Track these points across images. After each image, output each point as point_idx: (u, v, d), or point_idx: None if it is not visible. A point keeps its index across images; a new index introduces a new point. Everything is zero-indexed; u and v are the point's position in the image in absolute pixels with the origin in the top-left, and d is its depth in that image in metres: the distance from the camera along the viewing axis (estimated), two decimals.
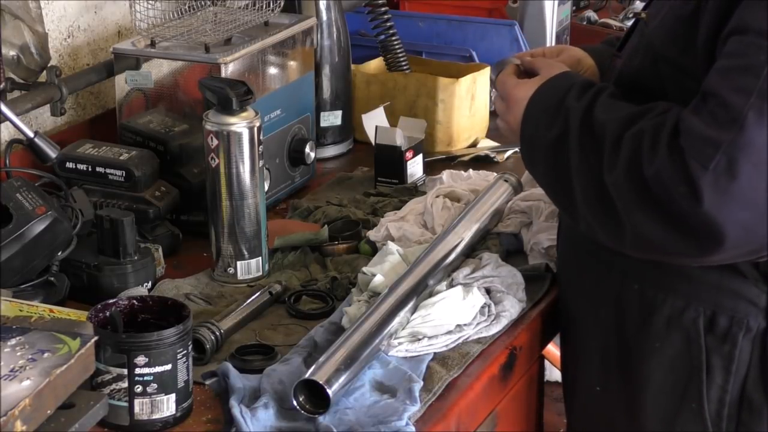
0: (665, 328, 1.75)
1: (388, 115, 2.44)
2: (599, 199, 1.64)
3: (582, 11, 3.39)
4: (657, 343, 1.76)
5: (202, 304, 1.91)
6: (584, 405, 1.92)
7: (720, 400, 1.73)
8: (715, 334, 1.72)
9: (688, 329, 1.73)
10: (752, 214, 1.54)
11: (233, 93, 1.95)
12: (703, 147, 1.54)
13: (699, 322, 1.72)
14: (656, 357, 1.76)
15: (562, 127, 1.69)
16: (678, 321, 1.74)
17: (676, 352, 1.75)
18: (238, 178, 1.96)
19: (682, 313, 1.73)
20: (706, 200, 1.53)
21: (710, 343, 1.72)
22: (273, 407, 1.60)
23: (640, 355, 1.78)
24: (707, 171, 1.53)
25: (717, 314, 1.71)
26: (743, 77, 1.54)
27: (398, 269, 1.89)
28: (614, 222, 1.63)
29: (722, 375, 1.72)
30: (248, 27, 2.26)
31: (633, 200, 1.60)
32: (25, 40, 2.13)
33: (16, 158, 2.13)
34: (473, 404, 1.73)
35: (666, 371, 1.76)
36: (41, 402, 1.38)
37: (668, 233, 1.59)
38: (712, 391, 1.73)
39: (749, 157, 1.52)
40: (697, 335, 1.72)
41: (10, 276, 1.82)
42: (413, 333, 1.77)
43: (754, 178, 1.52)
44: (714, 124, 1.54)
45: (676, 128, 1.57)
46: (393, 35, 2.62)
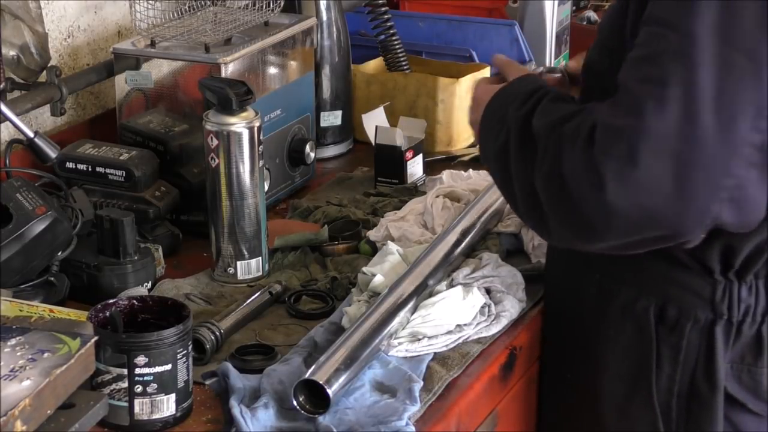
0: (620, 316, 1.78)
1: (388, 115, 2.44)
2: (533, 201, 1.64)
3: (582, 11, 3.38)
4: (612, 331, 1.79)
5: (202, 304, 1.91)
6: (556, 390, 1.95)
7: (669, 390, 1.75)
8: (665, 325, 1.74)
9: (640, 319, 1.76)
10: (656, 201, 1.53)
11: (233, 93, 1.95)
12: (607, 136, 1.54)
13: (650, 312, 1.75)
14: (611, 345, 1.79)
15: (504, 137, 1.70)
16: (631, 310, 1.77)
17: (629, 341, 1.78)
18: (238, 178, 1.96)
19: (634, 302, 1.77)
20: (609, 187, 1.53)
21: (661, 333, 1.75)
22: (273, 407, 1.60)
23: (598, 343, 1.81)
24: (611, 158, 1.53)
25: (666, 305, 1.74)
26: (645, 66, 1.55)
27: (398, 269, 1.89)
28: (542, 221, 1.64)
29: (671, 365, 1.74)
30: (248, 27, 2.26)
31: (552, 196, 1.60)
32: (25, 40, 2.13)
33: (16, 158, 2.13)
34: (473, 404, 1.73)
35: (620, 359, 1.79)
36: (41, 402, 1.38)
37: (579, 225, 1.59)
38: (661, 381, 1.75)
39: (650, 144, 1.52)
40: (648, 325, 1.75)
41: (10, 276, 1.82)
42: (413, 333, 1.77)
43: (656, 166, 1.52)
44: (618, 113, 1.55)
45: (594, 123, 1.58)
46: (393, 35, 2.62)
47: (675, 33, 1.54)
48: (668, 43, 1.54)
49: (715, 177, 1.53)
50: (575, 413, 1.89)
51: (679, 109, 1.52)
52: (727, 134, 1.52)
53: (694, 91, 1.52)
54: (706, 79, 1.52)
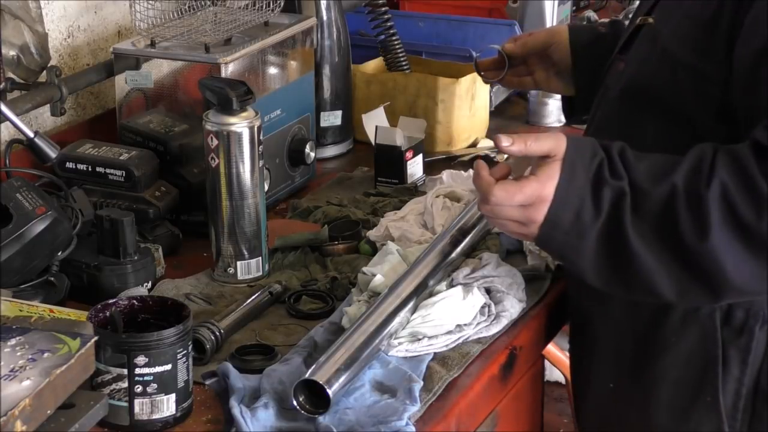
0: (681, 323, 1.76)
1: (388, 115, 2.44)
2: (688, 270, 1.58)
3: (582, 11, 3.38)
4: (673, 338, 1.77)
5: (202, 304, 1.91)
6: (596, 404, 1.93)
7: (736, 393, 1.73)
8: (732, 327, 1.73)
9: (704, 323, 1.74)
10: None
11: (233, 93, 1.95)
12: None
13: (715, 316, 1.73)
14: (671, 352, 1.77)
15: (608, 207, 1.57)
16: (694, 316, 1.74)
17: (691, 347, 1.75)
18: (238, 178, 1.96)
19: (698, 308, 1.74)
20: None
21: (726, 336, 1.73)
22: (273, 407, 1.60)
23: (654, 351, 1.79)
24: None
25: (733, 307, 1.72)
26: None
27: (398, 269, 1.89)
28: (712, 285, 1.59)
29: (739, 367, 1.73)
30: (248, 27, 2.26)
31: (739, 252, 1.55)
32: (25, 40, 2.13)
33: (16, 158, 2.13)
34: (473, 404, 1.73)
35: (681, 366, 1.77)
36: (41, 402, 1.38)
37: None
38: (728, 384, 1.74)
39: None
40: (714, 329, 1.73)
41: (10, 276, 1.82)
42: (413, 333, 1.77)
43: None
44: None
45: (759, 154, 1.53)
46: (393, 35, 2.62)
47: None
48: None
49: None
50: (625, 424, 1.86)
51: None
52: None
53: None
54: None
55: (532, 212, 1.61)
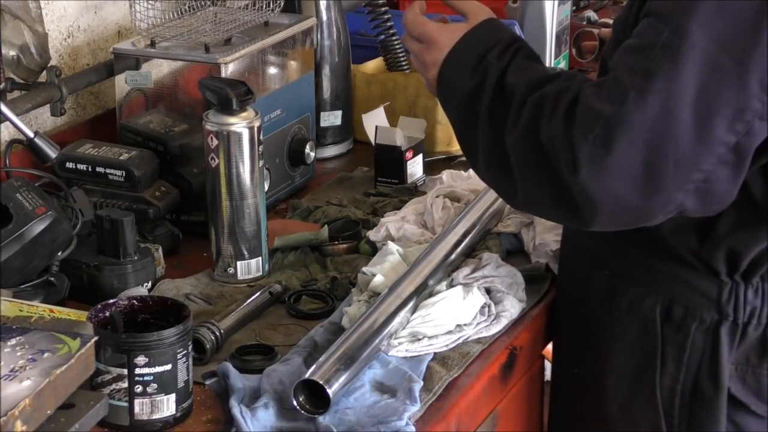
0: (627, 314, 1.79)
1: (388, 115, 2.44)
2: (497, 158, 1.66)
3: (582, 11, 3.38)
4: (618, 328, 1.80)
5: (202, 304, 1.91)
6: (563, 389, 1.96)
7: (671, 389, 1.76)
8: (671, 324, 1.75)
9: (646, 317, 1.76)
10: (624, 187, 1.56)
11: (233, 93, 1.95)
12: (587, 118, 1.57)
13: (656, 311, 1.76)
14: (617, 342, 1.80)
15: (479, 81, 1.70)
16: (638, 308, 1.77)
17: (634, 339, 1.78)
18: (238, 178, 1.96)
19: (641, 301, 1.77)
20: (582, 170, 1.56)
21: (666, 332, 1.75)
22: (273, 407, 1.60)
23: (605, 340, 1.82)
24: (586, 141, 1.56)
25: (673, 304, 1.75)
26: (635, 56, 1.58)
27: (398, 269, 1.89)
28: (508, 181, 1.66)
29: (675, 364, 1.75)
30: (248, 27, 2.26)
31: (526, 162, 1.62)
32: (25, 40, 2.13)
33: (16, 158, 2.13)
34: (473, 404, 1.73)
35: (626, 356, 1.79)
36: (41, 402, 1.38)
37: (550, 199, 1.62)
38: (665, 380, 1.76)
39: (626, 132, 1.54)
40: (654, 324, 1.76)
41: (10, 276, 1.82)
42: (413, 333, 1.77)
43: (629, 154, 1.54)
44: (602, 97, 1.57)
45: (575, 97, 1.59)
46: (393, 35, 2.62)
47: (669, 27, 1.55)
48: (660, 37, 1.56)
49: (684, 170, 1.56)
50: (582, 408, 1.90)
51: (659, 102, 1.54)
52: (702, 132, 1.55)
53: (676, 86, 1.54)
54: (690, 76, 1.54)
55: (428, 53, 1.79)
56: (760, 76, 1.54)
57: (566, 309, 1.93)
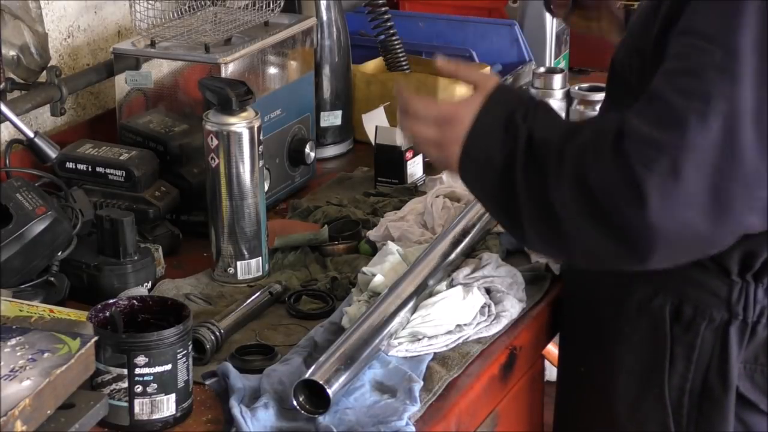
0: (636, 313, 1.78)
1: (388, 115, 2.44)
2: (544, 219, 1.61)
3: None
4: (627, 327, 1.79)
5: (202, 304, 1.91)
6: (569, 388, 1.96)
7: (681, 388, 1.75)
8: (680, 323, 1.75)
9: (655, 316, 1.76)
10: (693, 216, 1.53)
11: (233, 93, 1.95)
12: (647, 149, 1.53)
13: (665, 310, 1.75)
14: (626, 341, 1.80)
15: (511, 147, 1.64)
16: (647, 307, 1.77)
17: (643, 338, 1.78)
18: (238, 178, 1.96)
19: (650, 300, 1.77)
20: (651, 204, 1.52)
21: (675, 332, 1.75)
22: (273, 407, 1.60)
23: (614, 339, 1.81)
24: (652, 173, 1.52)
25: (682, 303, 1.74)
26: (686, 79, 1.55)
27: (398, 269, 1.89)
28: (560, 240, 1.62)
29: (684, 364, 1.75)
30: (248, 27, 2.26)
31: (580, 213, 1.57)
32: (25, 40, 2.13)
33: (16, 158, 2.13)
34: (473, 404, 1.73)
35: (635, 355, 1.79)
36: (41, 402, 1.38)
37: (613, 242, 1.57)
38: (673, 379, 1.75)
39: (692, 159, 1.52)
40: (663, 323, 1.76)
41: (10, 276, 1.82)
42: (413, 333, 1.77)
43: (697, 180, 1.52)
44: (658, 126, 1.54)
45: (620, 132, 1.55)
46: (393, 35, 2.62)
47: (719, 48, 1.54)
48: (712, 58, 1.54)
49: (751, 190, 1.54)
50: (588, 408, 1.89)
51: (720, 124, 1.52)
52: (764, 148, 1.53)
53: (737, 106, 1.52)
54: (747, 94, 1.53)
55: (448, 131, 1.69)
56: None
57: (574, 309, 1.93)
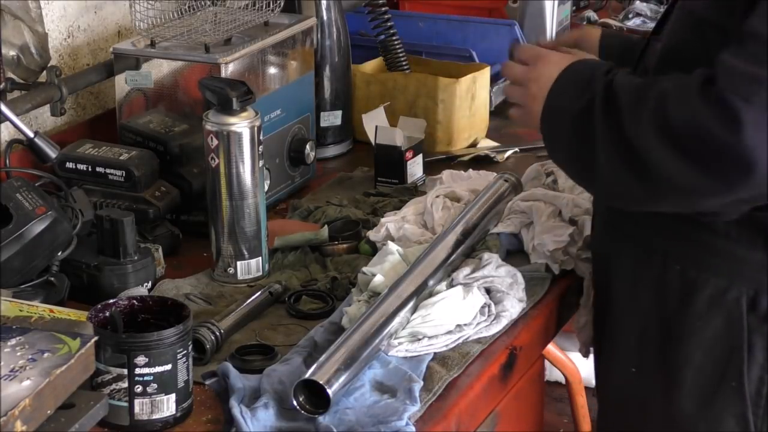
0: (707, 308, 1.76)
1: (388, 115, 2.44)
2: (623, 156, 1.66)
3: (582, 11, 3.38)
4: (698, 322, 1.77)
5: (202, 304, 1.91)
6: (618, 388, 1.92)
7: (760, 379, 1.74)
8: (757, 314, 1.73)
9: (731, 309, 1.74)
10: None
11: (233, 93, 1.95)
12: (746, 83, 1.57)
13: (741, 302, 1.74)
14: (696, 337, 1.77)
15: (589, 97, 1.71)
16: (720, 301, 1.75)
17: (717, 332, 1.76)
18: (238, 178, 1.96)
19: (724, 293, 1.75)
20: (747, 133, 1.55)
21: (752, 323, 1.73)
22: (273, 407, 1.60)
23: (680, 336, 1.79)
24: (750, 105, 1.56)
25: (759, 294, 1.73)
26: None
27: (398, 269, 1.89)
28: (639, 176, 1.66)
29: (764, 354, 1.73)
30: (248, 27, 2.26)
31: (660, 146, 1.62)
32: (25, 40, 2.13)
33: (16, 158, 2.13)
34: (473, 404, 1.73)
35: (706, 351, 1.77)
36: (41, 402, 1.38)
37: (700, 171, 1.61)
38: (753, 371, 1.74)
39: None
40: (740, 315, 1.74)
41: (10, 276, 1.82)
42: (413, 333, 1.77)
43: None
44: (755, 62, 1.58)
45: (708, 78, 1.60)
46: (393, 35, 2.63)
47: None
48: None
49: None
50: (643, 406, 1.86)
51: None
52: None
53: None
54: None
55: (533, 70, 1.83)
56: None
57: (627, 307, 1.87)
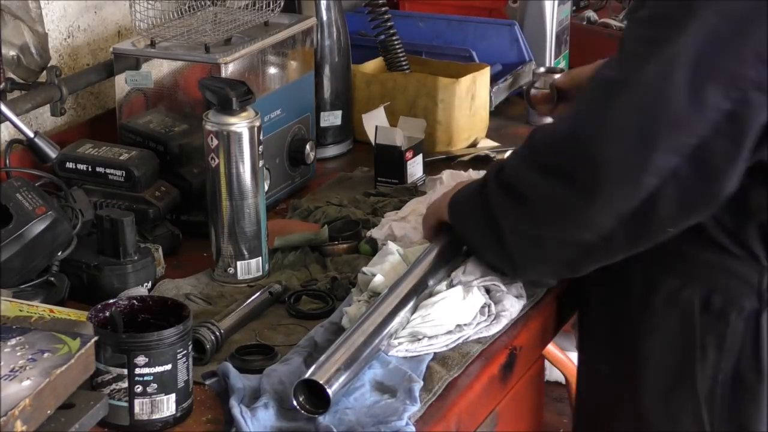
0: (664, 306, 1.79)
1: (388, 115, 2.44)
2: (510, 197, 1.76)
3: (582, 11, 3.38)
4: (657, 321, 1.80)
5: (202, 304, 1.91)
6: (593, 385, 1.96)
7: (713, 378, 1.76)
8: (710, 313, 1.76)
9: (685, 308, 1.77)
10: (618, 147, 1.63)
11: (233, 93, 1.95)
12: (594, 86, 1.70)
13: (695, 301, 1.77)
14: (655, 335, 1.81)
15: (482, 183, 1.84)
16: (675, 300, 1.78)
17: (673, 330, 1.79)
18: (238, 178, 1.96)
19: (679, 291, 1.78)
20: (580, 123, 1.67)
21: (705, 322, 1.76)
22: (273, 407, 1.60)
23: (641, 333, 1.82)
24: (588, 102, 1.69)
25: (712, 293, 1.76)
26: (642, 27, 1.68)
27: (398, 269, 1.89)
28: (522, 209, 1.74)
29: (715, 354, 1.76)
30: (248, 27, 2.26)
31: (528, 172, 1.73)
32: (25, 40, 2.13)
33: (16, 158, 2.13)
34: (473, 404, 1.73)
35: (664, 349, 1.80)
36: (41, 402, 1.38)
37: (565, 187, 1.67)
38: (705, 370, 1.76)
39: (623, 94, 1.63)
40: (693, 314, 1.77)
41: (10, 276, 1.82)
42: (413, 333, 1.77)
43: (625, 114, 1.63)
44: (609, 67, 1.70)
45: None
46: (393, 35, 2.62)
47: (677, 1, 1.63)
48: (667, 7, 1.63)
49: (677, 132, 1.61)
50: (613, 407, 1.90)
51: (656, 66, 1.61)
52: (695, 95, 1.60)
53: (674, 51, 1.60)
54: (689, 42, 1.60)
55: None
56: (757, 46, 1.59)
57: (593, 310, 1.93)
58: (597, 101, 1.65)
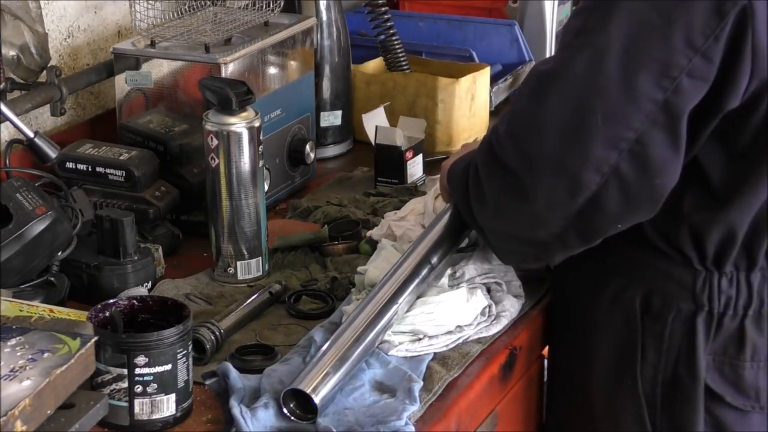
0: (609, 305, 1.81)
1: (388, 115, 2.44)
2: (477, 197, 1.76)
3: None
4: (603, 320, 1.82)
5: (202, 304, 1.91)
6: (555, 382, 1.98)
7: (653, 379, 1.78)
8: (650, 315, 1.78)
9: (627, 308, 1.79)
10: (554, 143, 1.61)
11: (233, 93, 1.95)
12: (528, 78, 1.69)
13: (636, 302, 1.78)
14: (602, 333, 1.83)
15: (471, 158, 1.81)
16: (620, 299, 1.80)
17: (617, 330, 1.81)
18: (238, 178, 1.96)
19: (623, 292, 1.80)
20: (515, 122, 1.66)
21: (646, 323, 1.78)
22: (273, 407, 1.60)
23: (590, 331, 1.84)
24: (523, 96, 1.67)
25: (651, 295, 1.77)
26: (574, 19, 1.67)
27: (392, 260, 1.88)
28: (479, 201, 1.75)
29: (655, 355, 1.77)
30: (248, 27, 2.26)
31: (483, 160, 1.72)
32: (25, 40, 2.13)
33: (16, 158, 2.13)
34: (473, 404, 1.73)
35: (609, 348, 1.82)
36: (41, 402, 1.38)
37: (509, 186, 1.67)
38: (645, 370, 1.78)
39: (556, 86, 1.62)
40: (634, 314, 1.79)
41: (10, 276, 1.82)
42: (414, 330, 1.77)
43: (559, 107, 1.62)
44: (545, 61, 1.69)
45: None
46: (393, 35, 2.62)
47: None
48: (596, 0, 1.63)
49: (612, 126, 1.59)
50: (572, 405, 1.92)
51: (587, 57, 1.60)
52: (629, 87, 1.58)
53: (603, 40, 1.59)
54: (618, 32, 1.59)
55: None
56: (686, 32, 1.58)
57: (558, 307, 1.95)
58: (530, 96, 1.64)
